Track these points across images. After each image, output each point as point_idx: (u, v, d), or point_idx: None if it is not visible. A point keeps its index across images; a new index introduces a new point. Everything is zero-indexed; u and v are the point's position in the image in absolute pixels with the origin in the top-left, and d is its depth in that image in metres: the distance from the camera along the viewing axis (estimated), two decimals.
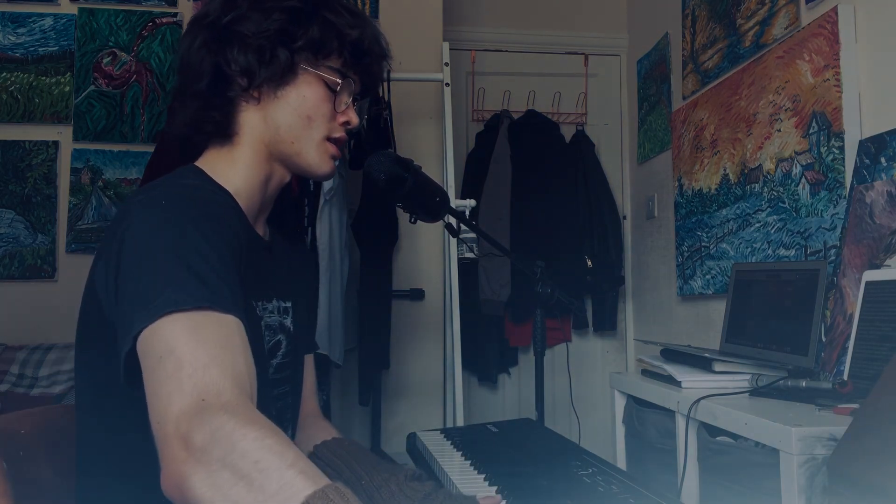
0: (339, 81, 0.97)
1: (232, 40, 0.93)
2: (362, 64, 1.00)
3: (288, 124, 0.95)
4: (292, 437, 1.05)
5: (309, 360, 1.14)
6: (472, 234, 2.46)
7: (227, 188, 0.94)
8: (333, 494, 0.57)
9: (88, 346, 0.87)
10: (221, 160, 0.96)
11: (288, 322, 0.99)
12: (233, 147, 0.96)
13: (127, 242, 0.77)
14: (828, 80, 1.80)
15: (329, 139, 0.98)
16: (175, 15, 2.71)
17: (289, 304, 1.00)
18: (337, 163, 1.02)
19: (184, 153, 1.00)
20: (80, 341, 0.89)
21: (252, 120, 0.96)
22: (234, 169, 0.96)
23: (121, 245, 0.77)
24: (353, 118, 1.00)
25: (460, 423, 2.24)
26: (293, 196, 2.12)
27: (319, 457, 1.00)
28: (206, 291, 0.71)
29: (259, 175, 0.97)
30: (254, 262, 0.93)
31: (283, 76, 0.94)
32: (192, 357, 0.66)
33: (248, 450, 0.59)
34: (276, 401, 0.97)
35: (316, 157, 0.98)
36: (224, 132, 0.96)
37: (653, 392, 1.77)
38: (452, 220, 1.35)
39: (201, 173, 0.94)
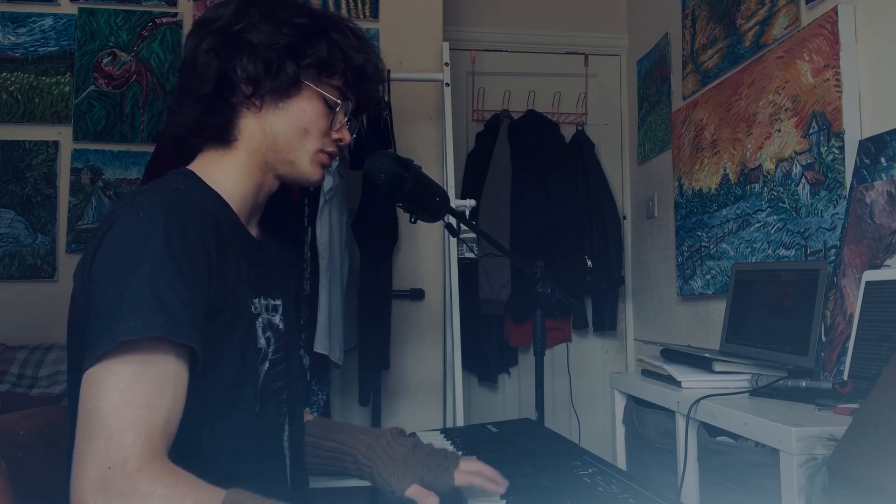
0: (339, 102, 1.01)
1: (241, 48, 0.96)
2: (362, 87, 1.05)
3: (285, 135, 0.99)
4: (292, 430, 1.07)
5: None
6: (472, 234, 2.46)
7: (218, 191, 0.97)
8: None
9: (76, 342, 0.89)
10: (215, 163, 0.99)
11: (278, 319, 1.01)
12: (228, 151, 0.99)
13: (101, 252, 0.82)
14: (828, 80, 1.80)
15: (321, 152, 1.02)
16: (175, 15, 2.71)
17: (279, 302, 1.03)
18: (336, 165, 1.06)
19: (180, 154, 1.02)
20: (70, 339, 0.91)
21: (251, 127, 0.99)
22: (227, 173, 0.99)
23: (96, 251, 0.82)
24: (346, 136, 1.05)
25: (460, 423, 2.24)
26: (293, 196, 2.12)
27: (311, 434, 1.11)
28: (163, 318, 0.76)
29: (251, 181, 1.00)
30: (247, 261, 0.95)
31: (287, 89, 0.97)
32: (115, 421, 0.73)
33: None
34: (274, 395, 0.99)
35: (309, 167, 1.02)
36: (222, 137, 0.99)
37: (653, 392, 1.77)
38: (452, 220, 1.36)
39: (192, 176, 0.97)
